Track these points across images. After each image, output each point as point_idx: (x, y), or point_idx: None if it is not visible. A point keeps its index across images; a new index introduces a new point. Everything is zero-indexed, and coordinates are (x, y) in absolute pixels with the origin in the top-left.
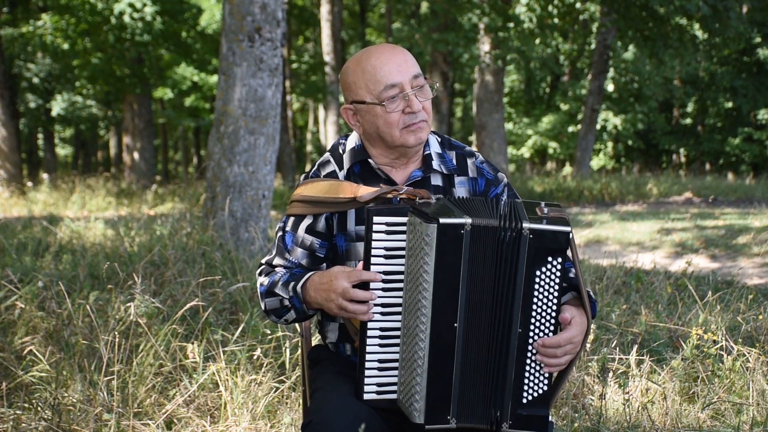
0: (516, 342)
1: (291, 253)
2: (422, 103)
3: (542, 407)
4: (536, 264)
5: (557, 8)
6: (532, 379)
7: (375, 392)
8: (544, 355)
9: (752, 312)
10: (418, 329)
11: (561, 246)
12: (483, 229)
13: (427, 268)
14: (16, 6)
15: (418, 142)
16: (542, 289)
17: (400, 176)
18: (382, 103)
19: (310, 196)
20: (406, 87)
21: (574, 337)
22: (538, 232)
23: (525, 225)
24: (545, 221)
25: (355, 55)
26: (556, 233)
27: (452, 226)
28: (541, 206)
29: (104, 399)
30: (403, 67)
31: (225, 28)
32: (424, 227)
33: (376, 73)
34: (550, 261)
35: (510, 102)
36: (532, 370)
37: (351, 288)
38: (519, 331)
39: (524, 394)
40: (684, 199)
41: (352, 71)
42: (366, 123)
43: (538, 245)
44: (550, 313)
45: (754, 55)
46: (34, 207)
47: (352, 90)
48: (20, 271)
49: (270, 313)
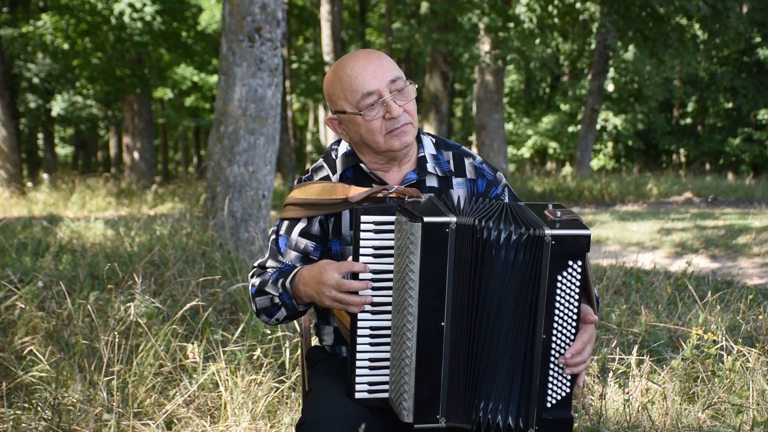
0: (540, 348)
1: (284, 256)
2: (403, 106)
3: (565, 409)
4: (558, 269)
5: (557, 8)
6: (555, 383)
7: (367, 391)
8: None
9: (752, 312)
10: (406, 328)
11: (582, 250)
12: (467, 228)
13: (413, 267)
14: (16, 6)
15: (404, 146)
16: (564, 293)
17: (394, 179)
18: (360, 112)
19: (303, 199)
20: (384, 93)
21: (592, 336)
22: (560, 237)
23: (547, 231)
24: (559, 225)
25: (333, 66)
26: (577, 237)
27: (437, 225)
28: (549, 209)
29: (104, 399)
30: (378, 72)
31: (225, 28)
32: (409, 226)
33: (352, 83)
34: (571, 265)
35: (510, 102)
36: (555, 374)
37: (343, 280)
38: (543, 337)
39: (548, 399)
40: (684, 199)
41: (331, 82)
42: (351, 132)
43: (559, 251)
44: (571, 316)
45: (754, 55)
46: (34, 207)
47: (333, 101)
48: (20, 271)
49: (261, 313)
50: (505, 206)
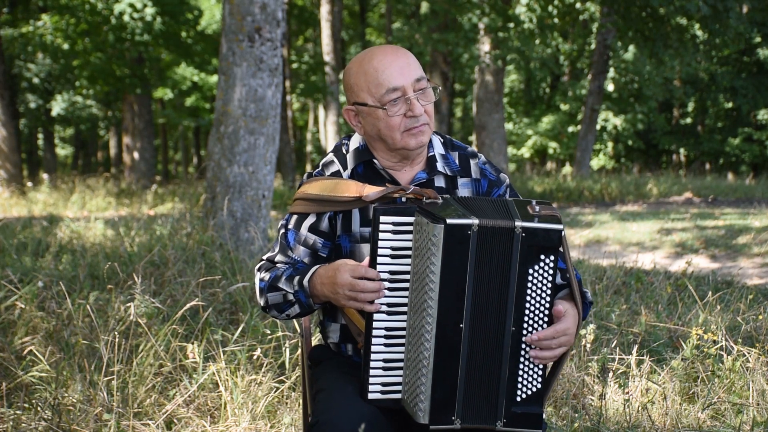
0: (509, 341)
1: (293, 250)
2: (424, 106)
3: (536, 405)
4: (529, 262)
5: (557, 8)
6: (525, 377)
7: (380, 392)
8: (539, 348)
9: (752, 312)
10: (424, 329)
11: (554, 244)
12: (490, 229)
13: (434, 269)
14: (16, 6)
15: (419, 146)
16: (535, 287)
17: (404, 178)
18: (383, 106)
19: (314, 194)
20: (408, 91)
21: (568, 328)
22: (531, 230)
23: (517, 224)
24: (537, 219)
25: (358, 56)
26: (549, 231)
27: (459, 227)
28: (532, 204)
29: (104, 399)
30: (405, 70)
31: (225, 28)
32: (431, 227)
33: (378, 76)
34: (543, 259)
35: (510, 102)
36: (525, 368)
37: (357, 281)
38: (512, 329)
39: (518, 393)
40: (684, 199)
41: (355, 73)
42: (367, 125)
43: (530, 243)
44: (542, 311)
45: (754, 55)
46: (34, 207)
47: (354, 91)
48: (20, 271)
49: (271, 308)
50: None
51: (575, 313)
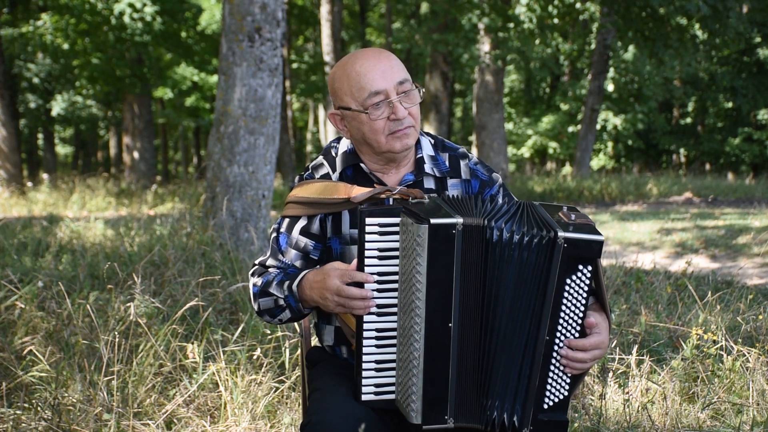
0: (542, 349)
1: (285, 254)
2: (408, 108)
3: (561, 412)
4: (567, 272)
5: (557, 8)
6: (554, 385)
7: (373, 393)
8: (572, 359)
9: (752, 312)
10: (413, 330)
11: (594, 255)
12: (474, 228)
13: (420, 269)
14: (16, 6)
15: (405, 148)
16: (571, 297)
17: (392, 180)
18: (366, 110)
19: (305, 197)
20: (391, 94)
21: (602, 342)
22: (573, 240)
23: (560, 234)
24: (572, 228)
25: (341, 61)
26: (590, 242)
27: (444, 226)
28: (564, 211)
29: (104, 399)
30: (387, 73)
31: (225, 28)
32: (415, 228)
33: (360, 80)
34: (581, 269)
35: (510, 102)
36: (555, 376)
37: (344, 286)
38: (546, 338)
39: (546, 400)
40: (684, 199)
41: (338, 77)
42: (352, 129)
43: (570, 254)
44: (576, 321)
45: (754, 55)
46: (34, 207)
47: (338, 96)
48: (20, 271)
49: (264, 314)
50: (521, 206)
51: (606, 325)
